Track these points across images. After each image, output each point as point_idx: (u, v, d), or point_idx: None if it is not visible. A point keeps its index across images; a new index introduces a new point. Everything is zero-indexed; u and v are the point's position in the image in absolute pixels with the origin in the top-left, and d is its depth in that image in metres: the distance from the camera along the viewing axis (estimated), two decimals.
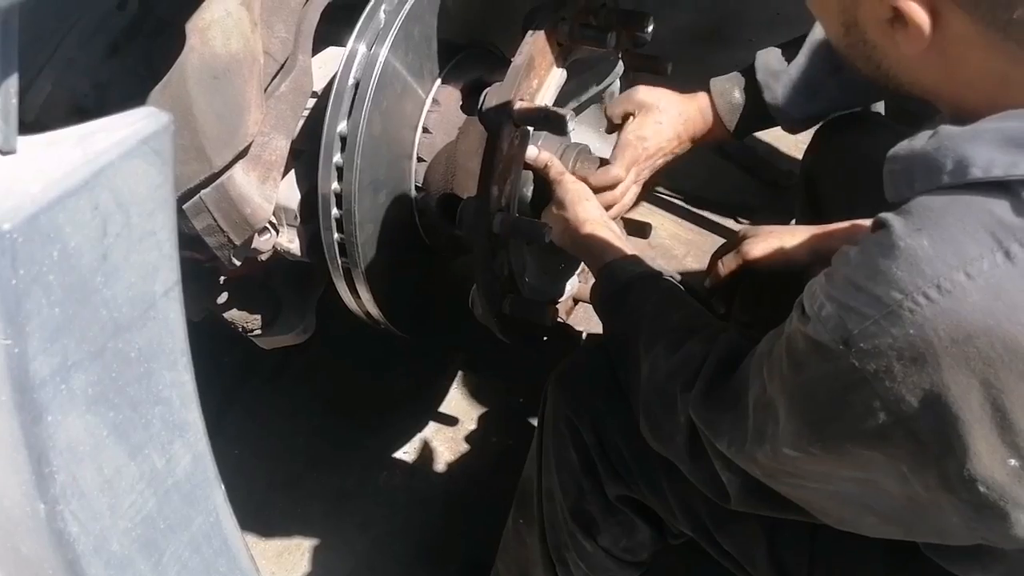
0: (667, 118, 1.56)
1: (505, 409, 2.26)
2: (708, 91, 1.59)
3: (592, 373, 1.35)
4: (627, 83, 1.69)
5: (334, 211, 1.43)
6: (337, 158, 1.41)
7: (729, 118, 1.58)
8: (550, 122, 1.37)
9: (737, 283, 1.47)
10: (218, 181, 1.35)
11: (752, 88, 1.56)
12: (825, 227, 1.44)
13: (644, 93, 1.57)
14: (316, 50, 1.52)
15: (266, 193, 1.40)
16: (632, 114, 1.57)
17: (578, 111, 1.66)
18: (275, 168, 1.41)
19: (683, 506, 1.27)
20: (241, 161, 1.36)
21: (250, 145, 1.36)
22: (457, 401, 2.28)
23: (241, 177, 1.36)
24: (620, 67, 1.62)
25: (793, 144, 2.71)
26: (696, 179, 2.53)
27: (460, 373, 2.32)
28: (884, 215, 0.85)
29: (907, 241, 0.80)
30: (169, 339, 0.67)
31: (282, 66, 1.43)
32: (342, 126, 1.40)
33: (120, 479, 0.66)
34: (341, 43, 1.56)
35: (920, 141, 0.85)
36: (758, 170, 2.65)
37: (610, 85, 1.64)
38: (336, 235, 1.45)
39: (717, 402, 1.07)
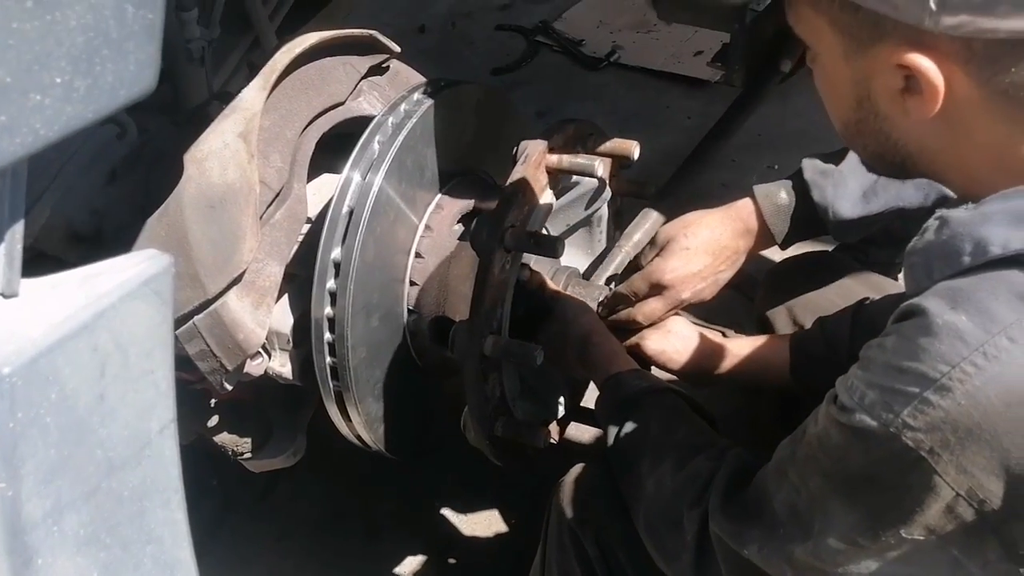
0: (697, 242, 1.49)
1: (498, 529, 2.23)
2: (752, 196, 1.52)
3: (595, 485, 1.35)
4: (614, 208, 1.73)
5: (327, 335, 1.45)
6: (331, 284, 1.43)
7: (775, 221, 1.49)
8: (541, 247, 1.40)
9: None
10: (212, 307, 1.36)
11: (800, 188, 1.48)
12: (714, 346, 1.48)
13: (667, 227, 1.52)
14: (310, 177, 1.57)
15: (259, 319, 1.41)
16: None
17: (567, 234, 1.70)
18: (269, 294, 1.43)
19: None
20: (235, 287, 1.38)
21: (244, 272, 1.38)
22: (448, 523, 2.24)
23: (235, 303, 1.38)
24: (608, 192, 1.66)
25: None
26: None
27: (451, 494, 2.29)
28: (912, 302, 0.88)
29: (945, 318, 0.83)
30: (163, 477, 0.67)
31: (277, 194, 1.46)
32: (336, 252, 1.43)
33: None
34: (335, 170, 1.60)
35: (930, 234, 0.90)
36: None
37: (599, 209, 1.68)
38: (328, 359, 1.46)
39: (739, 513, 1.07)
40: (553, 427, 1.61)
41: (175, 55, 1.73)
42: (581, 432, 2.12)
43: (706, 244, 1.49)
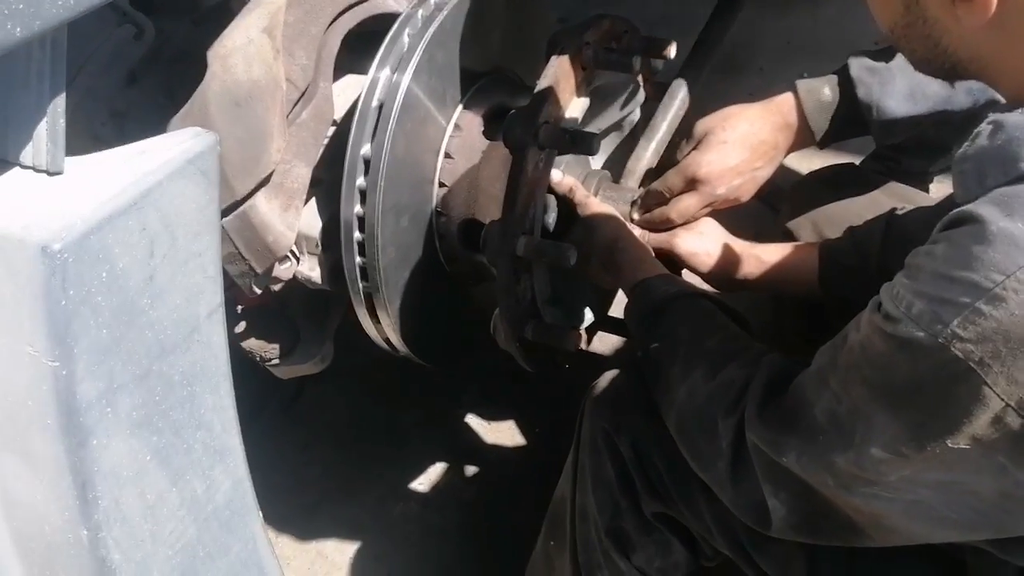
0: (735, 136, 1.45)
1: (521, 440, 2.24)
2: (794, 91, 1.47)
3: (629, 389, 1.34)
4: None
5: (356, 234, 1.42)
6: (360, 181, 1.40)
7: (816, 118, 1.45)
8: (577, 143, 1.37)
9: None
10: (240, 209, 1.34)
11: (845, 84, 1.43)
12: (744, 250, 1.46)
13: (705, 119, 1.48)
14: (335, 78, 1.53)
15: (288, 221, 1.39)
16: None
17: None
18: (297, 196, 1.41)
19: (721, 525, 1.26)
20: (263, 189, 1.35)
21: (272, 173, 1.36)
22: (472, 432, 2.26)
23: (263, 205, 1.36)
24: (641, 95, 1.62)
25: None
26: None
27: (474, 404, 2.30)
28: (964, 209, 0.85)
29: (999, 225, 0.81)
30: (212, 362, 0.66)
31: (303, 93, 1.43)
32: (366, 148, 1.40)
33: (162, 505, 0.65)
34: (359, 71, 1.56)
35: (983, 139, 0.87)
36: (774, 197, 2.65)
37: (631, 113, 1.64)
38: (358, 259, 1.44)
39: (776, 421, 1.06)
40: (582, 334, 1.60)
41: None
42: (605, 344, 2.13)
43: (744, 138, 1.45)
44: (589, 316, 1.67)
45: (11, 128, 0.57)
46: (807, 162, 2.72)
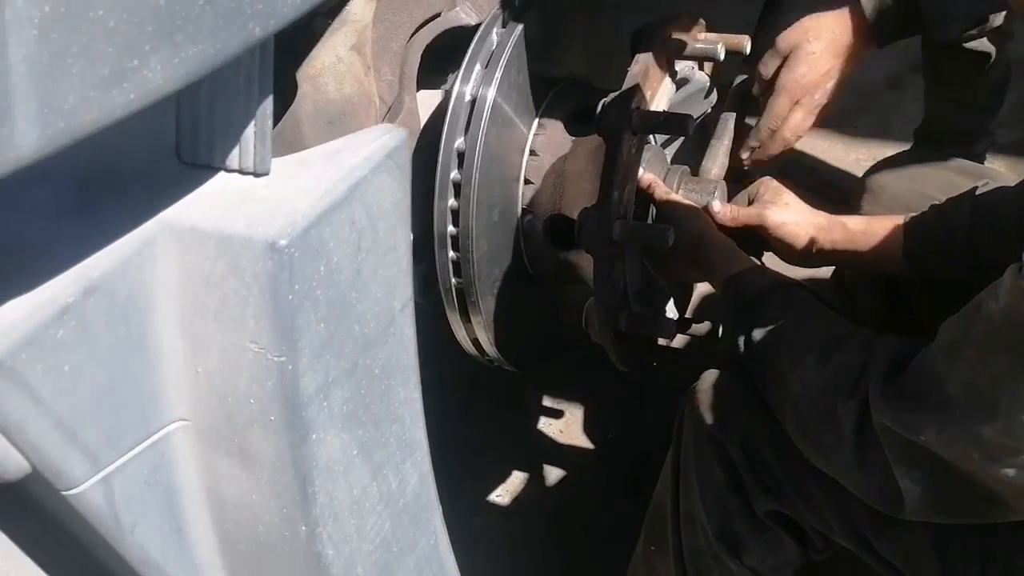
0: (821, 46, 1.51)
1: (595, 444, 2.25)
2: None
3: (734, 389, 1.34)
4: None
5: (450, 228, 1.43)
6: (455, 174, 1.42)
7: (879, 18, 1.51)
8: (671, 125, 1.38)
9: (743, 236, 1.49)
10: None
11: None
12: (830, 219, 1.48)
13: (785, 34, 1.53)
14: None
15: None
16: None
17: (668, 143, 1.67)
18: None
19: (839, 516, 1.26)
20: None
21: None
22: (546, 440, 2.26)
23: None
24: (714, 95, 1.63)
25: (854, 162, 2.73)
26: None
27: (544, 412, 2.31)
28: None
29: None
30: (404, 356, 0.67)
31: (390, 108, 1.44)
32: (459, 142, 1.41)
33: (365, 499, 0.65)
34: (433, 86, 1.59)
35: None
36: (823, 190, 2.66)
37: (704, 114, 1.65)
38: (451, 253, 1.45)
39: (906, 400, 1.05)
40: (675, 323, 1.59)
41: None
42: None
43: (830, 45, 1.51)
44: (672, 312, 1.68)
45: (218, 135, 0.58)
46: (854, 151, 2.73)
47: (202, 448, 0.60)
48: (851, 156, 2.75)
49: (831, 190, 2.62)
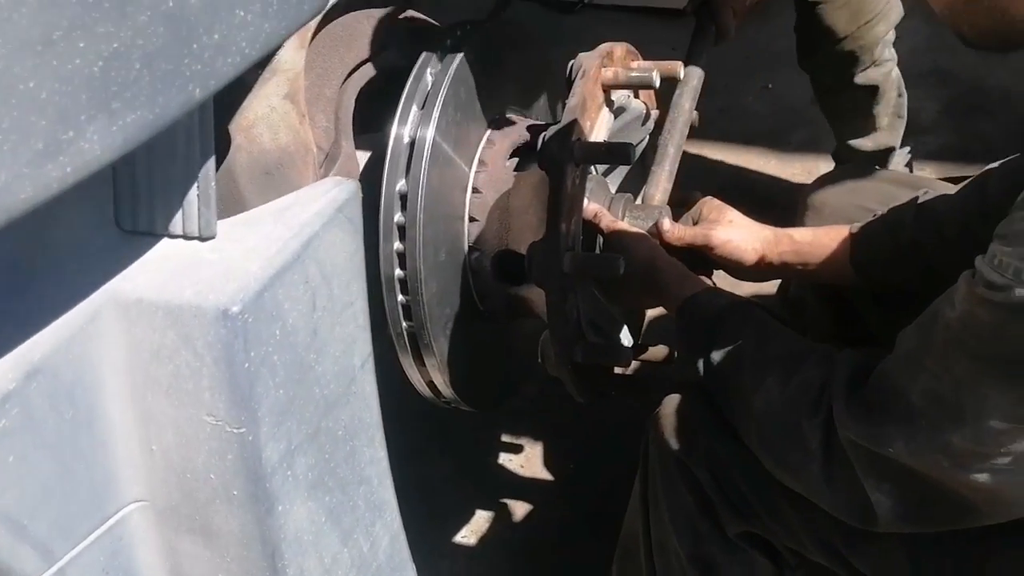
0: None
1: (558, 476, 2.22)
2: None
3: (697, 412, 1.32)
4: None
5: (397, 271, 1.41)
6: (398, 216, 1.40)
7: None
8: (613, 154, 1.39)
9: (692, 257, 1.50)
10: None
11: None
12: (776, 232, 1.49)
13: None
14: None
15: None
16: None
17: (610, 172, 1.68)
18: None
19: (811, 533, 1.25)
20: None
21: None
22: (507, 476, 2.24)
23: None
24: (651, 124, 1.64)
25: (790, 177, 2.76)
26: None
27: (502, 448, 2.28)
28: None
29: None
30: (367, 414, 0.64)
31: (327, 155, 1.42)
32: (400, 184, 1.40)
33: (337, 567, 0.63)
34: (373, 126, 1.57)
35: None
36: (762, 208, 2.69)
37: (641, 141, 1.66)
38: (400, 297, 1.43)
39: (869, 414, 1.05)
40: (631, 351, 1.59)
41: None
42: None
43: None
44: (627, 339, 1.67)
45: (159, 200, 0.56)
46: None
47: (162, 528, 0.57)
48: (787, 171, 2.79)
49: (770, 207, 2.65)
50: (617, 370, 1.62)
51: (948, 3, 0.99)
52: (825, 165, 2.68)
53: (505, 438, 2.29)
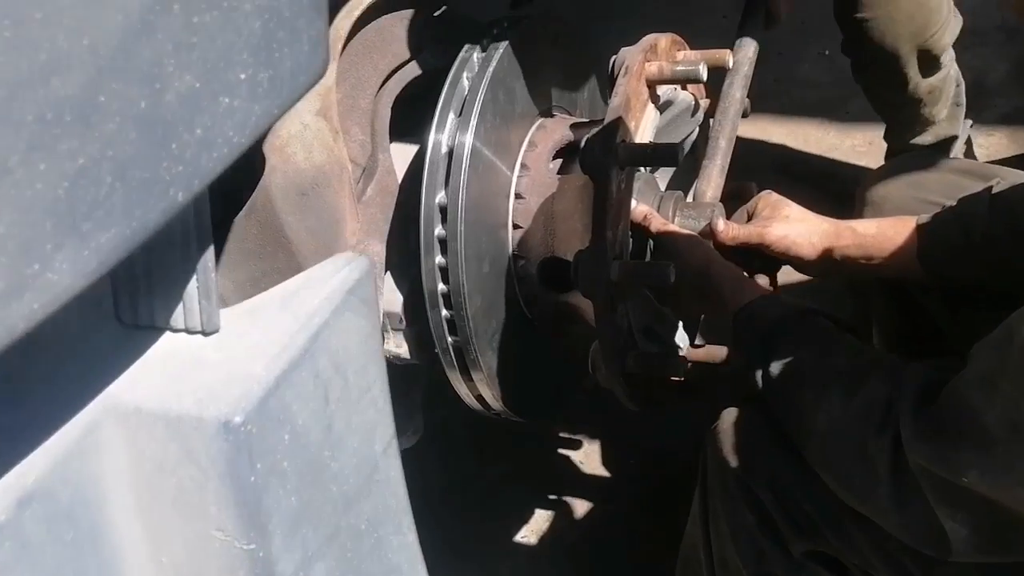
0: None
1: (618, 472, 2.18)
2: None
3: (756, 428, 1.27)
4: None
5: (440, 286, 1.37)
6: (439, 230, 1.35)
7: None
8: (659, 157, 1.32)
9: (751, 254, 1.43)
10: None
11: None
12: (837, 225, 1.41)
13: None
14: None
15: None
16: None
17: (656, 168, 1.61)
18: (376, 276, 1.36)
19: (882, 555, 1.18)
20: None
21: None
22: (568, 474, 2.20)
23: None
24: (700, 115, 1.56)
25: (850, 149, 2.66)
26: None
27: (563, 445, 2.24)
28: None
29: None
30: (393, 500, 0.60)
31: (364, 169, 1.38)
32: (440, 196, 1.35)
33: None
34: (410, 133, 1.52)
35: None
36: (824, 183, 2.59)
37: (691, 133, 1.58)
38: (444, 312, 1.38)
39: (943, 438, 0.99)
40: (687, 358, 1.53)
41: None
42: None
43: None
44: (683, 342, 1.61)
45: (158, 294, 0.52)
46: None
47: None
48: (847, 143, 2.68)
49: (832, 182, 2.55)
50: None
51: None
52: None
53: (564, 434, 2.25)
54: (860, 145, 2.65)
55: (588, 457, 2.21)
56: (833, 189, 2.54)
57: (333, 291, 0.54)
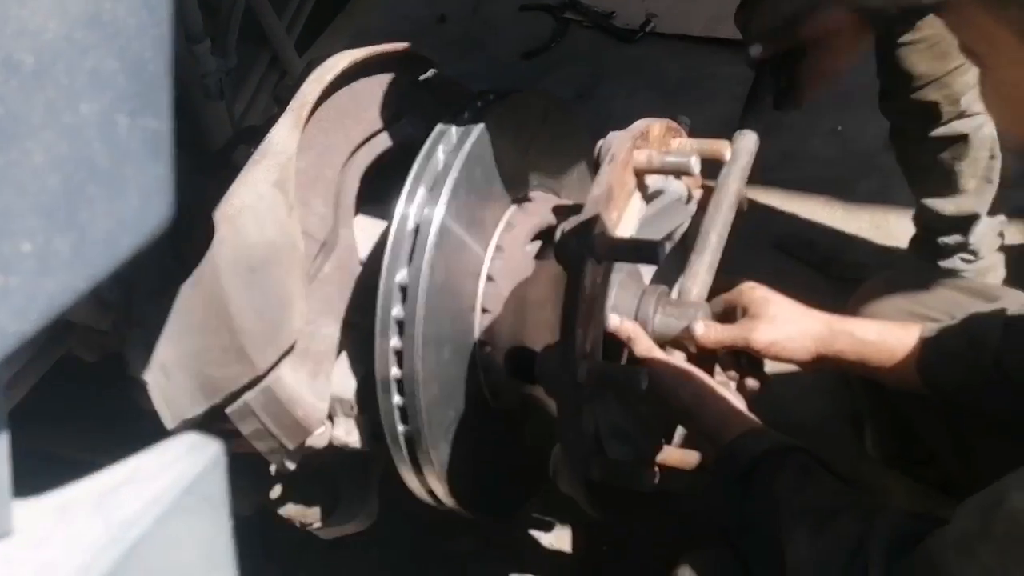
0: None
1: (587, 562, 2.07)
2: None
3: (722, 570, 1.16)
4: None
5: (394, 370, 1.28)
6: (396, 310, 1.26)
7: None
8: (639, 253, 1.23)
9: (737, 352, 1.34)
10: (263, 384, 1.20)
11: None
12: (832, 327, 1.32)
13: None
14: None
15: (319, 390, 1.24)
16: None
17: None
18: (326, 359, 1.26)
19: None
20: (288, 358, 1.21)
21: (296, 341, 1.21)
22: (535, 556, 2.09)
23: (289, 376, 1.21)
24: (693, 205, 1.47)
25: (856, 231, 2.55)
26: (760, 281, 2.36)
27: (532, 522, 2.13)
28: None
29: None
30: None
31: (323, 244, 1.29)
32: (401, 274, 1.26)
33: None
34: (382, 203, 1.44)
35: None
36: (824, 265, 2.48)
37: (681, 225, 1.48)
38: (396, 398, 1.29)
39: None
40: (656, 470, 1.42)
41: (190, 91, 1.55)
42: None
43: None
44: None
45: None
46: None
47: None
48: (853, 225, 2.58)
49: (834, 265, 2.45)
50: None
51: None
52: (896, 219, 2.47)
53: (536, 513, 2.14)
54: (867, 228, 2.55)
55: (559, 540, 2.10)
56: (835, 273, 2.44)
57: (164, 490, 0.44)
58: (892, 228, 2.48)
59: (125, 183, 0.39)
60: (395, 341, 1.27)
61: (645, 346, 1.29)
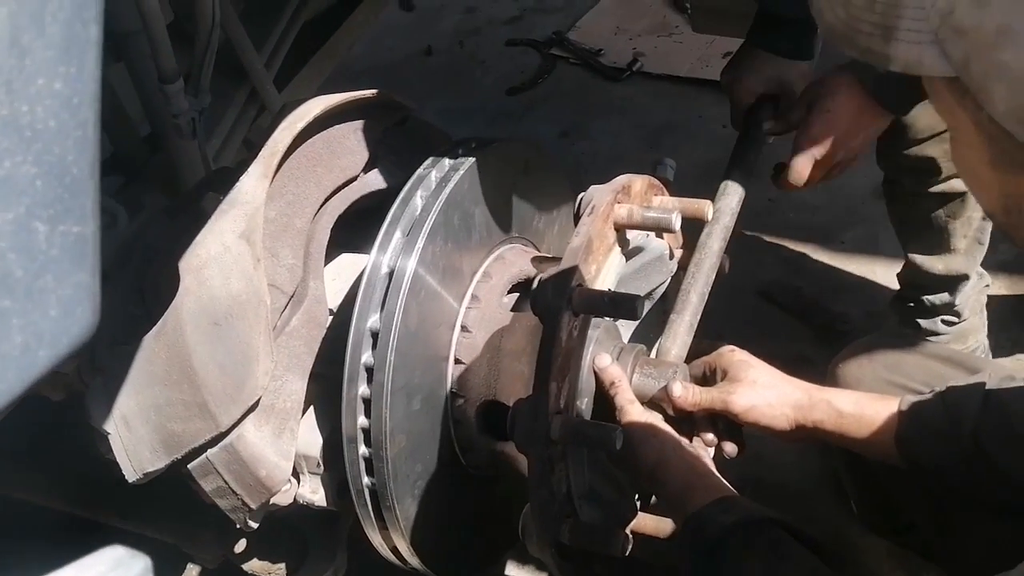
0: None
1: None
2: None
3: None
4: None
5: (361, 419, 1.23)
6: (366, 357, 1.22)
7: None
8: (617, 307, 1.19)
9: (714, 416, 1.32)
10: (226, 440, 1.16)
11: None
12: (811, 395, 1.30)
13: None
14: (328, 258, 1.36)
15: (283, 449, 1.20)
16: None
17: None
18: (291, 416, 1.22)
19: None
20: (252, 415, 1.17)
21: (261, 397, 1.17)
22: None
23: (253, 434, 1.17)
24: (674, 264, 1.44)
25: (842, 281, 2.53)
26: (743, 328, 2.33)
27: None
28: None
29: None
30: None
31: (291, 297, 1.25)
32: (373, 320, 1.22)
33: None
34: (357, 250, 1.40)
35: None
36: (808, 314, 2.46)
37: (660, 284, 1.45)
38: (362, 448, 1.25)
39: None
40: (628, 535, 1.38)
41: (163, 130, 1.52)
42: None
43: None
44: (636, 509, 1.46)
45: None
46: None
47: None
48: (838, 275, 2.56)
49: (818, 314, 2.43)
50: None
51: (989, 212, 0.87)
52: (882, 269, 2.46)
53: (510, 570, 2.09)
54: (853, 279, 2.53)
55: None
56: (819, 322, 2.42)
57: None
58: (879, 278, 2.47)
59: (44, 294, 0.35)
60: (363, 388, 1.23)
61: (626, 398, 1.26)
